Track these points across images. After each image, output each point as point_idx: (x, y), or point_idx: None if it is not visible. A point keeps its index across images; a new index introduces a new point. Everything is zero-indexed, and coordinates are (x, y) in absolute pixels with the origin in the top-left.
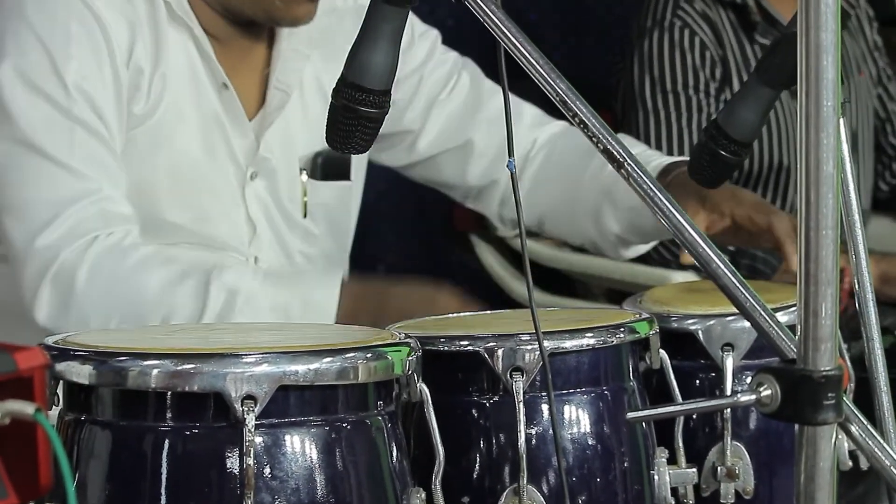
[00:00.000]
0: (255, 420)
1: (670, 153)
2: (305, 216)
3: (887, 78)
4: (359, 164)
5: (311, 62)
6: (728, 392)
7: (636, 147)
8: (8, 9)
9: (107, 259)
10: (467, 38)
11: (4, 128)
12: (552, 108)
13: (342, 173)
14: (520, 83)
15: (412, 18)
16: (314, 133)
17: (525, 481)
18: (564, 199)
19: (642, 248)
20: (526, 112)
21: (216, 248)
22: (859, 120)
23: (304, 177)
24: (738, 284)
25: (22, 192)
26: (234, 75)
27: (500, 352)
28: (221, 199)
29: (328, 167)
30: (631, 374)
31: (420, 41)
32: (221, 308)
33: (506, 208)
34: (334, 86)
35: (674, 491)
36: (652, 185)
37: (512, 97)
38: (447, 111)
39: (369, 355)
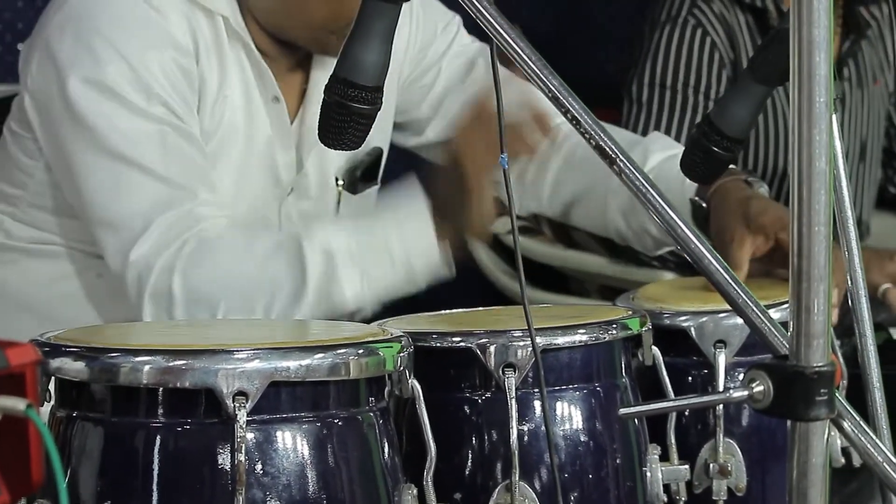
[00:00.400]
0: (247, 416)
1: None
2: None
3: None
4: (384, 165)
5: None
6: (720, 388)
7: (674, 149)
8: (77, 25)
9: (196, 260)
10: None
11: (86, 139)
12: None
13: (373, 177)
14: None
15: (438, 7)
16: None
17: (517, 478)
18: (594, 192)
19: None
20: (540, 98)
21: None
22: (870, 129)
23: (339, 188)
24: (730, 281)
25: (114, 205)
26: (279, 86)
27: (492, 348)
28: (256, 215)
29: (365, 178)
30: (623, 370)
31: (442, 35)
32: (322, 272)
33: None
34: (327, 82)
35: (666, 488)
36: (644, 182)
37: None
38: (461, 100)
39: (361, 351)
